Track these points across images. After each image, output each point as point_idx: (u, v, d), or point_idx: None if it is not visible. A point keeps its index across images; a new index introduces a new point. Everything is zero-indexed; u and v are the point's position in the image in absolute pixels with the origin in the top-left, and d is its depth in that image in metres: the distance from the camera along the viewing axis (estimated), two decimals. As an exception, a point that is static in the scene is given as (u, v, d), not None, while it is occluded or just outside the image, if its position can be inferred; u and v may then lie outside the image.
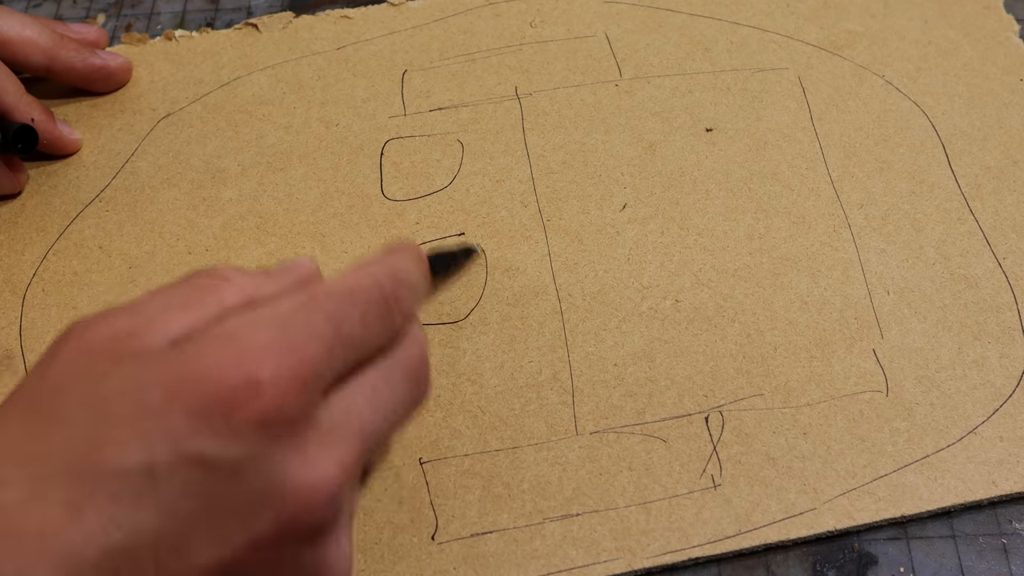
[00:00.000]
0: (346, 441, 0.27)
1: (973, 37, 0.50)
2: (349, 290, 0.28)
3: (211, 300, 0.27)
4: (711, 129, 0.48)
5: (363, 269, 0.30)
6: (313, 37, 0.52)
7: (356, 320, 0.28)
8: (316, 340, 0.26)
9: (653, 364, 0.41)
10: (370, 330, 0.28)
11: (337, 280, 0.29)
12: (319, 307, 0.27)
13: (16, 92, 0.45)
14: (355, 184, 0.46)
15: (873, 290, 0.42)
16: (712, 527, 0.37)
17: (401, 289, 0.30)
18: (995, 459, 0.38)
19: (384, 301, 0.29)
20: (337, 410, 0.27)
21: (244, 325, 0.26)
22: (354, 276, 0.29)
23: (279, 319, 0.26)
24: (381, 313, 0.29)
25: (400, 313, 0.30)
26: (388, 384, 0.29)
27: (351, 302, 0.28)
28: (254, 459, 0.25)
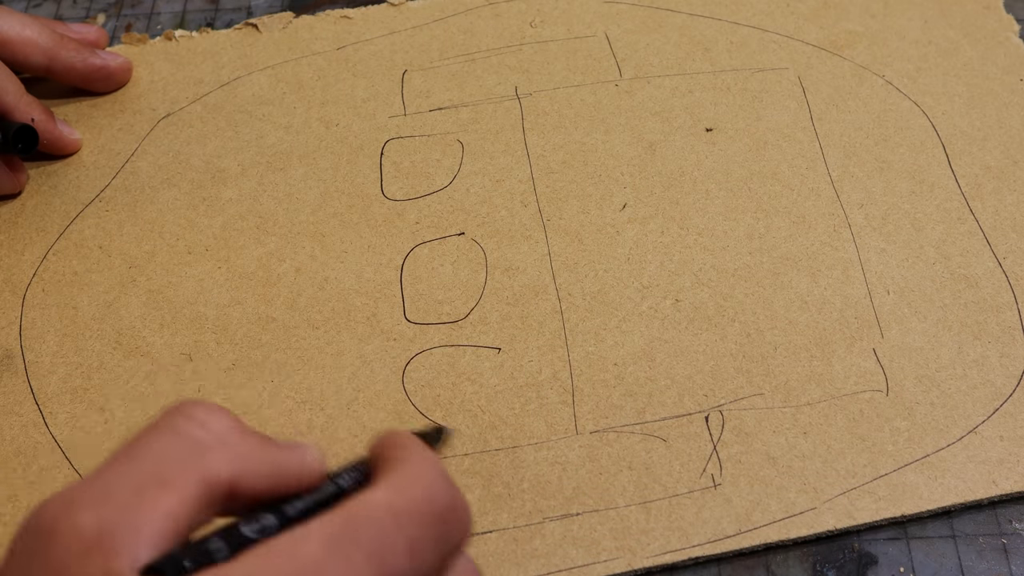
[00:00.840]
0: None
1: (973, 37, 0.50)
2: (396, 512, 0.23)
3: (198, 471, 0.22)
4: (711, 129, 0.48)
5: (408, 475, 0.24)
6: (313, 37, 0.52)
7: (404, 552, 0.23)
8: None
9: (653, 364, 0.41)
10: (423, 559, 0.23)
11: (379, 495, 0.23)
12: (359, 543, 0.22)
13: (16, 92, 0.45)
14: (355, 184, 0.46)
15: (873, 290, 0.42)
16: (712, 526, 0.37)
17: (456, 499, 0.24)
18: (995, 458, 0.38)
19: (439, 519, 0.24)
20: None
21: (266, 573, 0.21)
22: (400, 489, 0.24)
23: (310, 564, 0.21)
24: (436, 535, 0.24)
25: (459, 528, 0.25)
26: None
27: (398, 528, 0.23)
28: None
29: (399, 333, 0.42)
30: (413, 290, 0.43)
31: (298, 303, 0.43)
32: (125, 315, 0.43)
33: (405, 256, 0.44)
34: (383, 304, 0.43)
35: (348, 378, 0.41)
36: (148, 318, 0.43)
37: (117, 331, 0.43)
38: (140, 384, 0.41)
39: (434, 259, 0.44)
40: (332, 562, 0.21)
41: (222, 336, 0.42)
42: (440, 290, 0.43)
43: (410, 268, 0.44)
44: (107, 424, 0.40)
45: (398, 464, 0.24)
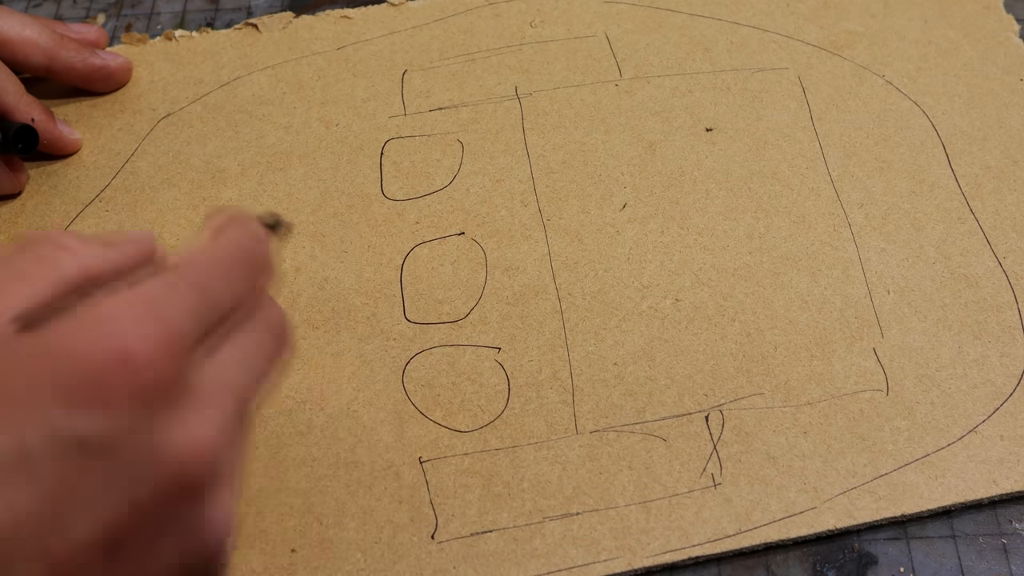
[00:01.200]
0: (220, 403, 0.27)
1: (973, 37, 0.50)
2: (212, 255, 0.29)
3: (49, 271, 0.27)
4: (711, 129, 0.48)
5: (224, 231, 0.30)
6: (313, 37, 0.52)
7: (221, 284, 0.28)
8: (184, 306, 0.27)
9: (653, 363, 0.41)
10: (236, 291, 0.29)
11: (197, 247, 0.29)
12: (183, 276, 0.28)
13: (16, 92, 0.45)
14: (355, 184, 0.47)
15: (873, 289, 0.42)
16: (712, 526, 0.37)
17: (261, 248, 0.31)
18: (995, 458, 0.38)
19: (247, 262, 0.30)
20: (209, 373, 0.28)
21: (108, 302, 0.26)
22: (215, 240, 0.30)
23: (142, 292, 0.27)
24: (246, 275, 0.30)
25: (264, 272, 0.31)
26: (256, 344, 0.30)
27: (215, 267, 0.29)
28: (130, 431, 0.25)
29: (399, 333, 0.42)
30: (413, 290, 0.43)
31: (298, 303, 0.43)
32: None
33: (405, 256, 0.44)
34: (383, 304, 0.43)
35: (348, 378, 0.41)
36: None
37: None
38: (140, 384, 0.41)
39: (434, 259, 0.44)
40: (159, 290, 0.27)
41: (222, 336, 0.42)
42: (440, 290, 0.43)
43: (410, 268, 0.44)
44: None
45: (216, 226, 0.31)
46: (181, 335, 0.26)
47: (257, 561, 0.37)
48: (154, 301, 0.26)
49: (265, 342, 0.30)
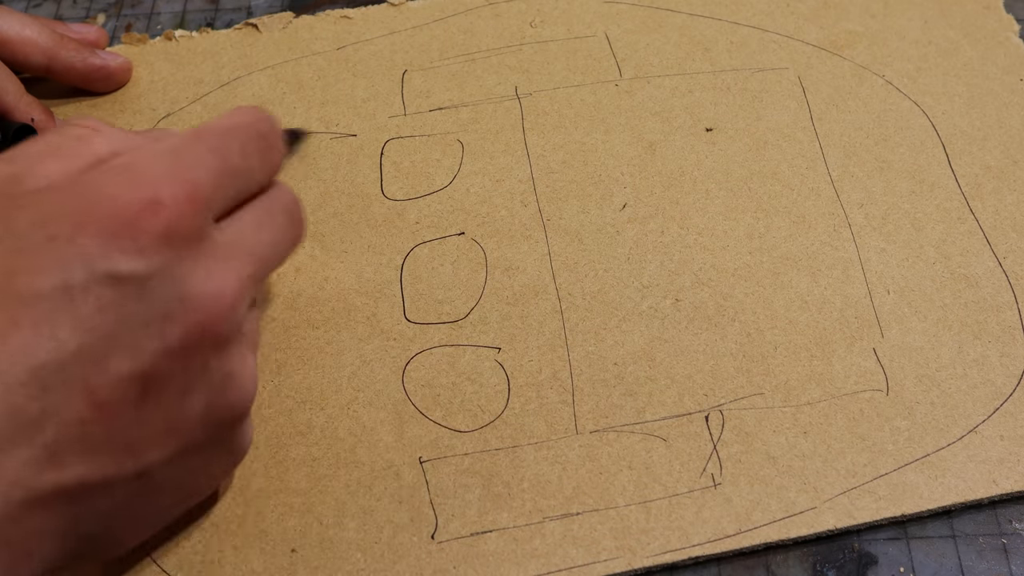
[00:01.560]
0: (240, 259, 0.30)
1: (973, 37, 0.50)
2: (229, 127, 0.32)
3: (84, 149, 0.29)
4: (711, 129, 0.48)
5: (237, 111, 0.33)
6: (313, 37, 0.52)
7: (238, 152, 0.31)
8: (205, 168, 0.29)
9: (653, 363, 0.41)
10: (251, 162, 0.32)
11: (215, 120, 0.32)
12: (204, 141, 0.30)
13: (16, 92, 0.45)
14: (355, 184, 0.47)
15: (873, 289, 0.42)
16: (712, 526, 0.37)
17: (275, 128, 0.34)
18: (996, 458, 0.38)
19: (261, 137, 0.32)
20: (229, 233, 0.31)
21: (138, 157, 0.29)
22: (231, 117, 0.32)
23: (168, 149, 0.29)
24: (261, 148, 0.32)
25: (276, 150, 0.33)
26: (270, 216, 0.33)
27: (232, 136, 0.31)
28: (160, 272, 0.27)
29: (399, 333, 0.42)
30: (413, 290, 0.43)
31: (298, 303, 0.43)
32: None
33: (405, 256, 0.44)
34: (383, 304, 0.43)
35: (348, 378, 0.41)
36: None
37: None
38: (140, 384, 0.41)
39: (434, 259, 0.44)
40: (184, 149, 0.30)
41: (222, 336, 0.42)
42: (440, 290, 0.43)
43: (410, 268, 0.44)
44: (107, 424, 0.40)
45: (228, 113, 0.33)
46: (203, 189, 0.29)
47: (257, 561, 0.37)
48: (178, 157, 0.29)
49: (278, 216, 0.33)
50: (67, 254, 0.26)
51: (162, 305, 0.27)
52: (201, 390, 0.29)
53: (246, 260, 0.31)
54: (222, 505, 0.38)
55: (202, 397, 0.30)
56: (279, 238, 0.33)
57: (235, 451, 0.34)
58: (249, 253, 0.31)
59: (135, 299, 0.27)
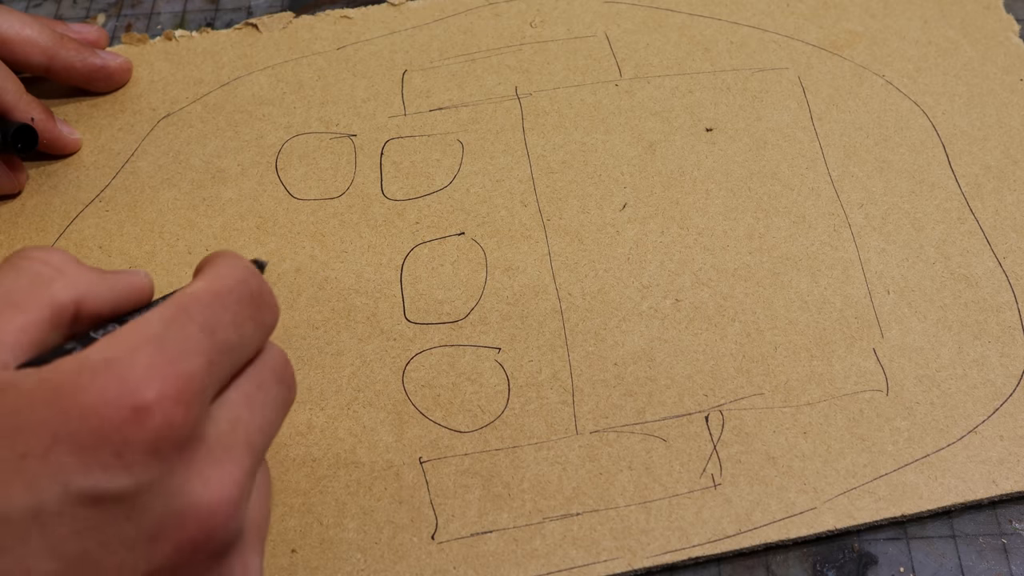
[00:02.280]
0: (236, 454, 0.26)
1: (973, 37, 0.50)
2: (217, 293, 0.27)
3: (43, 296, 0.26)
4: (711, 129, 0.48)
5: (221, 267, 0.29)
6: (313, 37, 0.52)
7: (230, 324, 0.27)
8: (195, 354, 0.25)
9: (653, 363, 0.41)
10: (244, 333, 0.28)
11: (200, 284, 0.28)
12: (192, 318, 0.26)
13: (16, 92, 0.45)
14: (355, 184, 0.46)
15: (873, 289, 0.42)
16: (712, 526, 0.37)
17: (265, 285, 0.29)
18: (995, 458, 0.38)
19: (253, 300, 0.28)
20: (222, 422, 0.27)
21: (119, 347, 0.25)
22: (217, 277, 0.28)
23: (154, 336, 0.25)
24: (252, 314, 0.28)
25: (269, 309, 0.29)
26: (263, 390, 0.28)
27: (223, 305, 0.27)
28: (148, 487, 0.24)
29: (399, 333, 0.42)
30: (413, 290, 0.43)
31: (298, 303, 0.43)
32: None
33: (405, 256, 0.44)
34: (383, 304, 0.43)
35: (348, 378, 0.41)
36: (148, 318, 0.43)
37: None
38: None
39: (434, 259, 0.44)
40: (171, 333, 0.25)
41: (222, 336, 0.42)
42: (440, 290, 0.43)
43: (410, 268, 0.44)
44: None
45: (212, 264, 0.29)
46: (195, 383, 0.25)
47: (257, 561, 0.37)
48: (165, 345, 0.25)
49: (272, 388, 0.29)
50: (40, 472, 0.23)
51: (152, 523, 0.24)
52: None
53: (244, 452, 0.27)
54: (222, 505, 0.38)
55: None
56: (274, 414, 0.29)
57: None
58: (246, 442, 0.27)
59: (120, 519, 0.24)
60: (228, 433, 0.26)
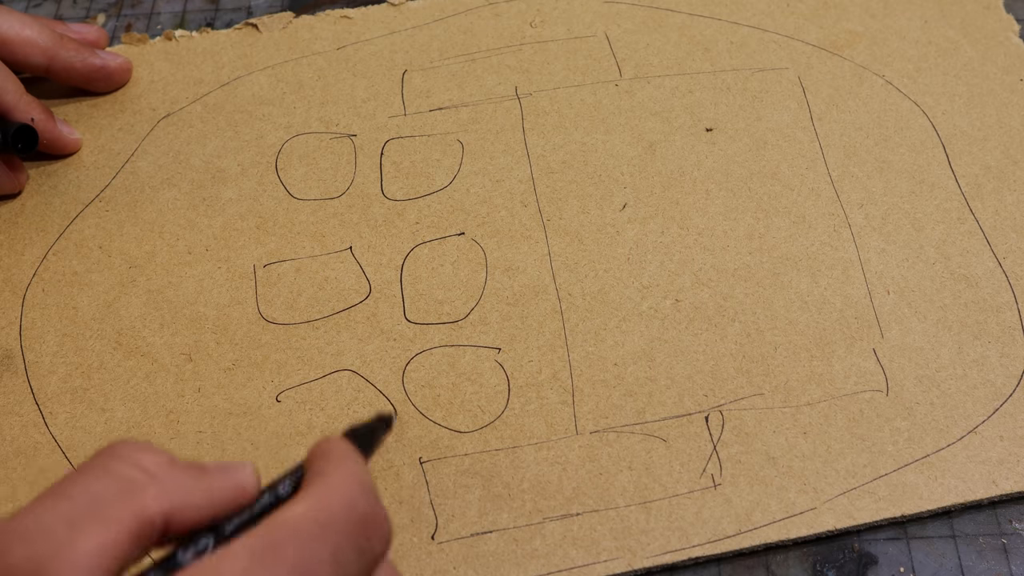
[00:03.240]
0: None
1: (973, 37, 0.50)
2: (318, 523, 0.24)
3: (130, 507, 0.23)
4: (711, 129, 0.48)
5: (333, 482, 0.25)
6: (313, 37, 0.52)
7: (328, 562, 0.23)
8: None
9: (653, 364, 0.41)
10: (345, 570, 0.24)
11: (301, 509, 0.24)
12: (284, 559, 0.23)
13: (16, 92, 0.45)
14: (355, 184, 0.46)
15: (873, 290, 0.42)
16: (712, 526, 0.37)
17: (376, 508, 0.25)
18: (995, 458, 0.38)
19: (361, 528, 0.24)
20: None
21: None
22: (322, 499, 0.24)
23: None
24: (358, 544, 0.24)
25: (380, 539, 0.25)
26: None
27: (322, 541, 0.23)
28: None
29: (399, 333, 0.42)
30: (413, 290, 0.43)
31: (298, 303, 0.43)
32: (125, 315, 0.43)
33: (405, 256, 0.44)
34: (383, 304, 0.43)
35: (348, 378, 0.41)
36: (148, 318, 0.43)
37: (117, 331, 0.43)
38: (140, 384, 0.41)
39: (434, 259, 0.44)
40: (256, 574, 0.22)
41: (222, 336, 0.42)
42: (440, 290, 0.43)
43: (410, 268, 0.44)
44: (107, 424, 0.40)
45: (321, 476, 0.25)
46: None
47: (257, 561, 0.37)
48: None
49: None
50: None
51: None
52: None
53: None
54: (222, 505, 0.38)
55: None
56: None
57: None
58: None
59: None
60: None
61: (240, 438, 0.40)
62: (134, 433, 0.40)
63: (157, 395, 0.41)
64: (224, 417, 0.40)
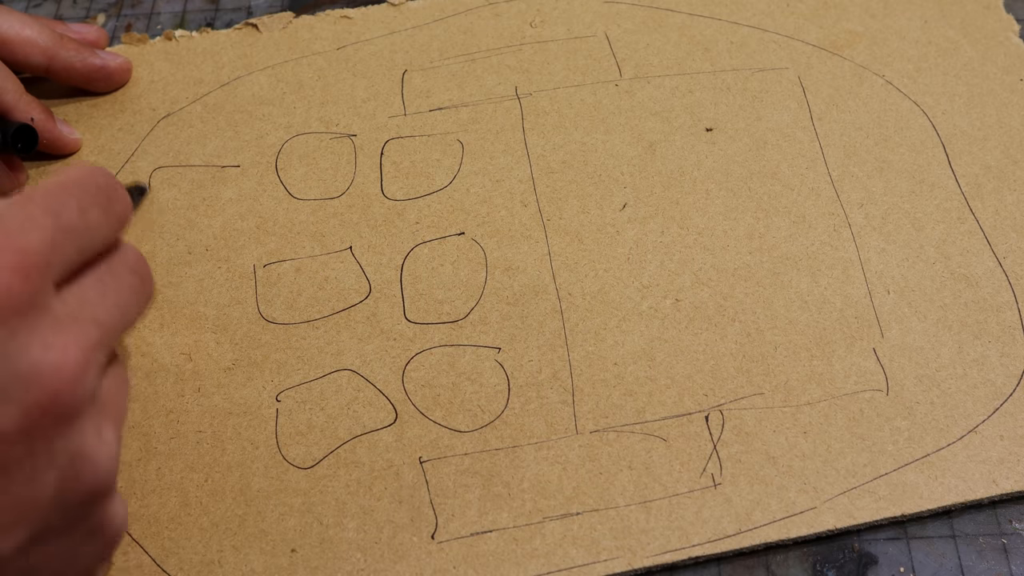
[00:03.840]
0: (82, 326, 0.27)
1: (973, 37, 0.50)
2: (63, 183, 0.29)
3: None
4: (711, 129, 0.48)
5: (70, 168, 0.30)
6: (313, 37, 0.52)
7: (75, 209, 0.28)
8: (37, 230, 0.27)
9: (653, 363, 0.41)
10: (91, 219, 0.29)
11: (47, 179, 0.29)
12: (34, 201, 0.27)
13: (16, 92, 0.45)
14: (355, 184, 0.46)
15: (873, 289, 0.42)
16: (712, 526, 0.37)
17: (113, 181, 0.30)
18: (995, 458, 0.38)
19: (100, 191, 0.30)
20: (70, 300, 0.28)
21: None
22: (64, 173, 0.30)
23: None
24: (101, 203, 0.29)
25: (119, 203, 0.30)
26: (115, 278, 0.30)
27: (67, 193, 0.28)
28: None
29: (399, 333, 0.42)
30: (413, 290, 0.43)
31: (298, 303, 0.43)
32: (125, 315, 0.43)
33: (405, 256, 0.44)
34: (383, 304, 0.43)
35: (348, 378, 0.41)
36: (148, 318, 0.43)
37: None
38: (140, 384, 0.41)
39: (434, 259, 0.44)
40: (11, 211, 0.26)
41: (222, 336, 0.42)
42: (440, 290, 0.43)
43: (410, 268, 0.44)
44: (107, 424, 0.40)
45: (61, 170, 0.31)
46: (33, 257, 0.26)
47: (257, 561, 0.37)
48: (6, 225, 0.26)
49: (125, 277, 0.30)
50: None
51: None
52: (49, 472, 0.27)
53: (89, 327, 0.28)
54: (222, 505, 0.38)
55: (51, 480, 0.27)
56: (126, 300, 0.30)
57: (104, 534, 0.30)
58: (92, 319, 0.28)
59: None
60: (76, 310, 0.28)
61: (240, 438, 0.40)
62: (134, 432, 0.40)
63: (157, 395, 0.41)
64: (224, 417, 0.40)
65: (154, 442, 0.40)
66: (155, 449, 0.40)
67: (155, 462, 0.39)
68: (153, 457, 0.40)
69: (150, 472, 0.39)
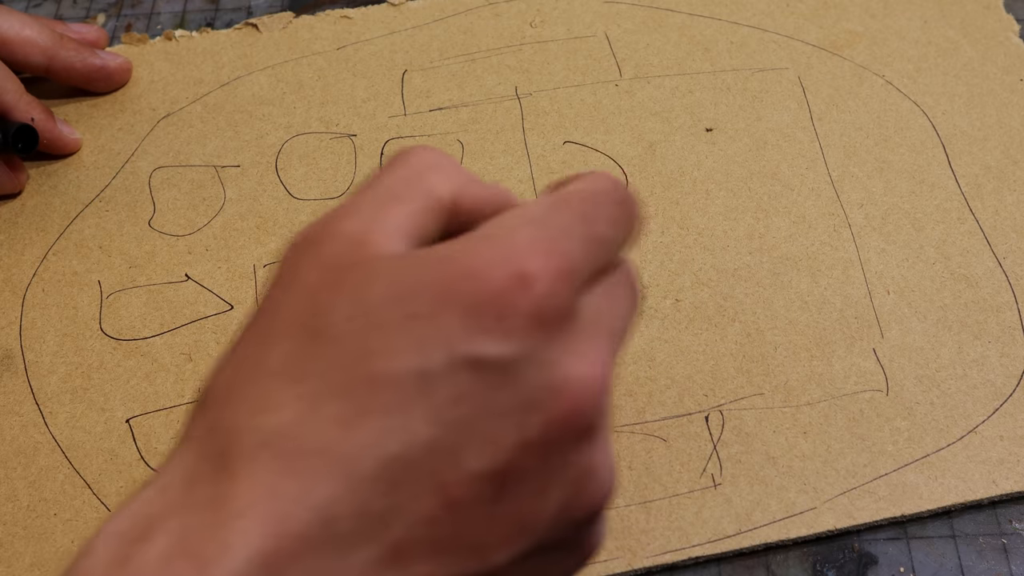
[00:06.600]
0: (602, 339, 0.27)
1: (973, 37, 0.50)
2: (596, 192, 0.28)
3: (423, 190, 0.27)
4: (711, 129, 0.48)
5: (593, 176, 0.30)
6: (313, 37, 0.52)
7: (605, 221, 0.28)
8: (577, 238, 0.26)
9: (653, 363, 0.41)
10: (616, 231, 0.28)
11: (577, 185, 0.29)
12: (572, 207, 0.27)
13: (16, 92, 0.45)
14: (355, 184, 0.46)
15: (873, 289, 0.42)
16: (712, 526, 0.37)
17: (633, 196, 0.30)
18: (995, 458, 0.38)
19: (623, 203, 0.29)
20: (591, 310, 0.27)
21: (501, 225, 0.26)
22: (592, 181, 0.29)
23: (535, 218, 0.26)
24: (624, 215, 0.29)
25: (635, 219, 0.30)
26: (621, 289, 0.29)
27: (600, 203, 0.28)
28: (527, 356, 0.24)
29: (399, 333, 0.42)
30: (413, 290, 0.43)
31: (298, 303, 0.43)
32: (125, 315, 0.43)
33: (405, 256, 0.44)
34: (383, 304, 0.43)
35: (348, 378, 0.41)
36: (148, 318, 0.43)
37: (117, 331, 0.43)
38: (140, 384, 0.41)
39: (434, 259, 0.44)
40: (552, 217, 0.26)
41: (222, 336, 0.42)
42: (440, 290, 0.43)
43: (410, 268, 0.44)
44: (107, 424, 0.40)
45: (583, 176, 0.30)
46: (574, 263, 0.26)
47: (257, 561, 0.37)
48: (547, 226, 0.26)
49: (627, 290, 0.30)
50: (427, 335, 0.24)
51: (526, 393, 0.24)
52: (558, 487, 0.26)
53: (607, 339, 0.27)
54: (222, 505, 0.38)
55: (558, 495, 0.26)
56: (628, 316, 0.29)
57: (584, 551, 0.30)
58: (609, 330, 0.27)
59: (496, 387, 0.24)
60: (594, 320, 0.27)
61: (240, 438, 0.40)
62: (135, 432, 0.40)
63: (157, 395, 0.41)
64: (224, 417, 0.40)
65: (154, 442, 0.40)
66: (155, 449, 0.40)
67: (155, 462, 0.39)
68: (153, 457, 0.40)
69: (150, 472, 0.39)
